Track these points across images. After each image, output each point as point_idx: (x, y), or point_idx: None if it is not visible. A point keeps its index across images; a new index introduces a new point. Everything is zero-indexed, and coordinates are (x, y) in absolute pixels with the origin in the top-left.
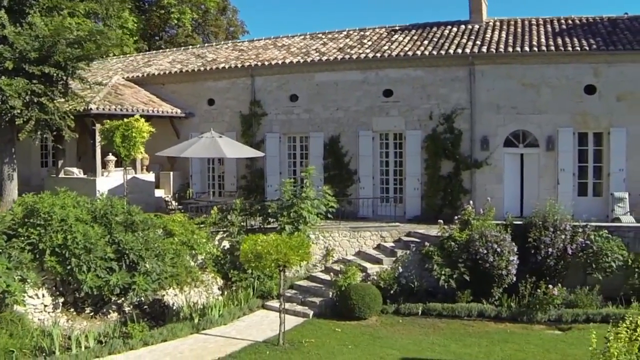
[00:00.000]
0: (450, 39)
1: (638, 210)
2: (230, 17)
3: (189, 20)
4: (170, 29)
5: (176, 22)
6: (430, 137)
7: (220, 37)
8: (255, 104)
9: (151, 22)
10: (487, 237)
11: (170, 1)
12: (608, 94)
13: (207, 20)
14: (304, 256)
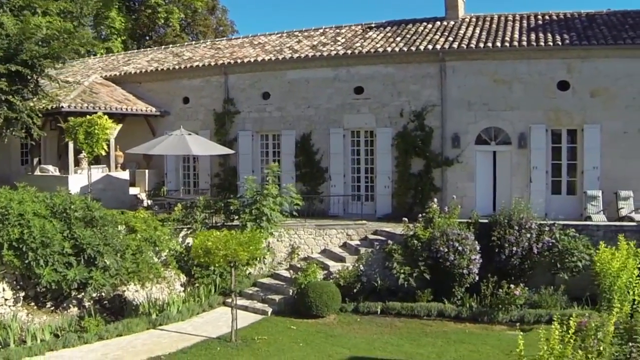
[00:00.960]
0: (423, 35)
1: (612, 208)
2: (219, 16)
3: (177, 20)
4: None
5: (163, 22)
6: (401, 135)
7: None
8: (229, 102)
9: (140, 22)
10: (448, 236)
11: (157, 1)
12: (582, 90)
13: (196, 20)
14: (254, 252)
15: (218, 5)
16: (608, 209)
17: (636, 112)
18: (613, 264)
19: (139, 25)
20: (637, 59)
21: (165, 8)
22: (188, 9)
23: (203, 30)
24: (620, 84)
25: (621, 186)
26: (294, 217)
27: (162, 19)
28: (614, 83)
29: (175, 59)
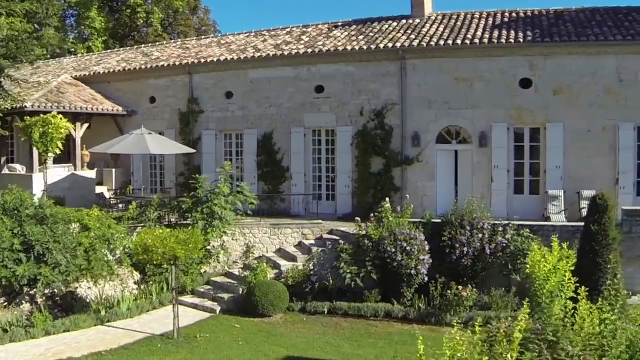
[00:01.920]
0: (386, 34)
1: (575, 209)
2: (202, 17)
3: (158, 20)
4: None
5: (143, 22)
6: (361, 134)
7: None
8: (193, 102)
9: (121, 22)
10: (396, 236)
11: (137, 1)
12: (545, 88)
13: (177, 20)
14: (193, 251)
15: (200, 6)
16: (570, 209)
17: (600, 110)
18: (541, 267)
19: (120, 26)
20: (601, 56)
21: (145, 8)
22: (170, 9)
23: (184, 31)
24: (584, 81)
25: (585, 186)
26: (250, 216)
27: (142, 19)
28: (578, 81)
29: (143, 59)
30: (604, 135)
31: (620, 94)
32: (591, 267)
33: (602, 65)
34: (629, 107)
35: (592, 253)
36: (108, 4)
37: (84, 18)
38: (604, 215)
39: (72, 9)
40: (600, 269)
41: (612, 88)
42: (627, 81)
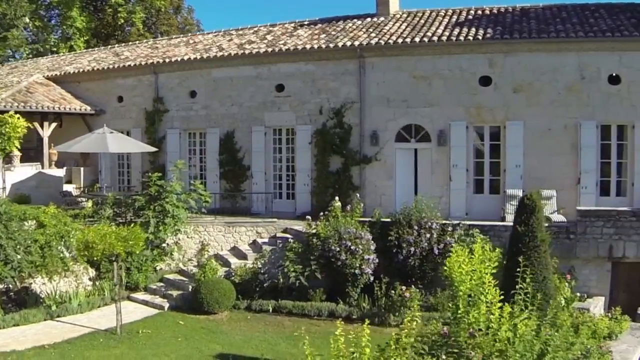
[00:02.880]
0: (348, 32)
1: None
2: (185, 16)
3: (140, 20)
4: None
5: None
6: (320, 132)
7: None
8: (158, 101)
9: (104, 21)
10: (341, 235)
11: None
12: (504, 86)
13: (160, 19)
14: (133, 247)
15: (183, 5)
16: None
17: (561, 108)
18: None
19: (103, 25)
20: (563, 52)
21: (125, 8)
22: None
23: (167, 30)
24: (545, 79)
25: (546, 185)
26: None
27: (123, 19)
28: (538, 78)
29: (113, 59)
30: (565, 134)
31: (582, 91)
32: (517, 269)
33: (563, 62)
34: (591, 104)
35: (519, 255)
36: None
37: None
38: (531, 215)
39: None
40: (526, 272)
41: (573, 85)
42: (589, 78)
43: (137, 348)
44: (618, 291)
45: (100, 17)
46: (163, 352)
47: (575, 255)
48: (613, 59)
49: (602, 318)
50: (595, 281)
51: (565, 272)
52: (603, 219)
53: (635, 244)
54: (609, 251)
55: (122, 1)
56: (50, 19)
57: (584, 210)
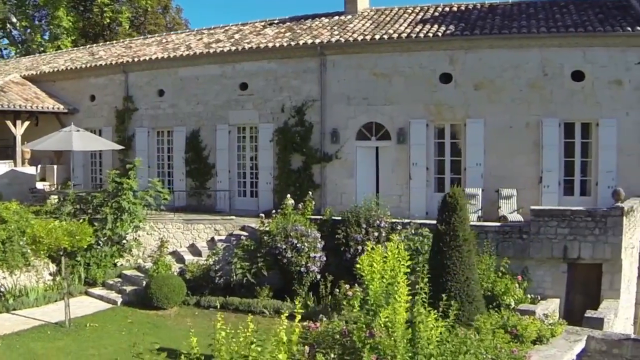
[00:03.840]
0: (312, 30)
1: (494, 207)
2: (173, 15)
3: (126, 20)
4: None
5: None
6: (281, 130)
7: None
8: (128, 100)
9: (92, 21)
10: (287, 232)
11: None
12: (465, 83)
13: (147, 19)
14: (80, 242)
15: (171, 5)
16: (491, 208)
17: (523, 105)
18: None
19: (91, 25)
20: (525, 49)
21: (112, 8)
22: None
23: (154, 30)
24: (506, 75)
25: (508, 184)
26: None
27: (109, 19)
28: (499, 75)
29: (87, 59)
30: (527, 132)
31: (544, 88)
32: (439, 269)
33: (525, 59)
34: (553, 101)
35: (440, 254)
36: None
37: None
38: (453, 214)
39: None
40: (448, 272)
41: (536, 82)
42: (552, 75)
43: (80, 340)
44: (575, 293)
45: (89, 17)
46: (103, 344)
47: (529, 255)
48: (577, 55)
49: (533, 321)
50: (550, 282)
51: (519, 273)
52: (557, 218)
53: (590, 244)
54: (564, 252)
55: (108, 1)
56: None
57: (538, 209)
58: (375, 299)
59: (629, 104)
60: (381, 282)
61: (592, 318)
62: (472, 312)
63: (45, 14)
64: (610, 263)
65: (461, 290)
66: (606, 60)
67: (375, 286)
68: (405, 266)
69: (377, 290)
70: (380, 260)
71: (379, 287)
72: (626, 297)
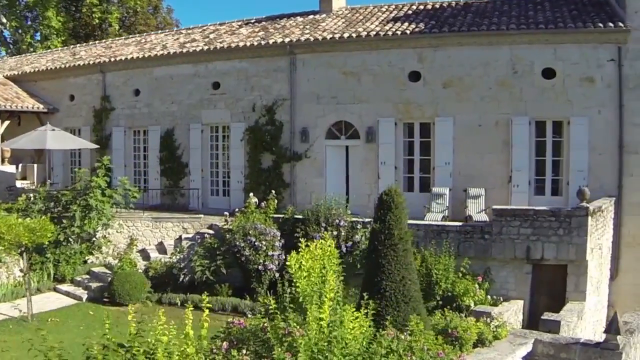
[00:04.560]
0: (286, 29)
1: (462, 207)
2: (164, 16)
3: (116, 20)
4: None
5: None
6: (251, 129)
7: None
8: (105, 99)
9: (82, 21)
10: (246, 231)
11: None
12: (433, 81)
13: (137, 19)
14: (41, 238)
15: (161, 5)
16: (460, 208)
17: (493, 103)
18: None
19: (81, 25)
20: (494, 46)
21: (100, 8)
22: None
23: (144, 30)
24: (475, 73)
25: (476, 183)
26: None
27: (97, 19)
28: (469, 73)
29: (68, 59)
30: (496, 130)
31: (514, 86)
32: (374, 269)
33: (495, 56)
34: (523, 99)
35: (375, 253)
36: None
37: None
38: (388, 212)
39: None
40: (383, 271)
41: (505, 80)
42: (522, 72)
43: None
44: (540, 294)
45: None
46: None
47: (491, 256)
48: (547, 52)
49: (474, 323)
50: (513, 284)
51: (481, 274)
52: (520, 218)
53: (554, 245)
54: (527, 252)
55: (96, 1)
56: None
57: (499, 209)
58: (303, 298)
59: (601, 101)
60: (309, 280)
61: (548, 321)
62: (408, 312)
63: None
64: (575, 264)
65: (396, 290)
66: (578, 57)
67: (303, 284)
68: (335, 264)
69: (304, 289)
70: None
71: (306, 285)
72: (595, 299)
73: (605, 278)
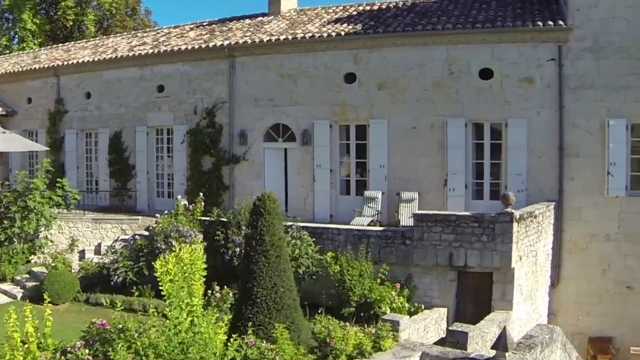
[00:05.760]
0: (231, 31)
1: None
2: (143, 17)
3: (91, 22)
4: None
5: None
6: (192, 132)
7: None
8: (59, 102)
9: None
10: (167, 233)
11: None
12: (368, 83)
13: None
14: None
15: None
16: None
17: (428, 105)
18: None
19: (58, 28)
20: (430, 46)
21: (74, 10)
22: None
23: (120, 32)
24: (411, 74)
25: (412, 187)
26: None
27: (72, 22)
28: (404, 74)
29: (28, 62)
30: (431, 133)
31: (450, 87)
32: (247, 275)
33: (431, 57)
34: (460, 101)
35: (248, 259)
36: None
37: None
38: (260, 218)
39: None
40: (255, 277)
41: (441, 81)
42: (458, 73)
43: None
44: (466, 303)
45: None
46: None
47: (412, 262)
48: (485, 52)
49: (356, 333)
50: (437, 291)
51: (402, 280)
52: (442, 224)
53: (478, 252)
54: (449, 259)
55: (71, 4)
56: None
57: (420, 214)
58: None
59: (540, 102)
60: (172, 285)
61: (457, 332)
62: (280, 320)
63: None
64: (501, 272)
65: (268, 297)
66: (516, 57)
67: (167, 288)
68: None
69: (169, 293)
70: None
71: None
72: (528, 308)
73: (543, 286)
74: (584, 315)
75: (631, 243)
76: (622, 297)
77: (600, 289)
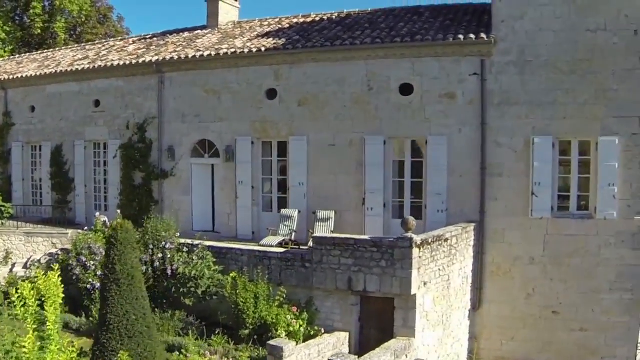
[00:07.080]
0: (165, 46)
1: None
2: (115, 24)
3: (62, 29)
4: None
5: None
6: (125, 147)
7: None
8: (7, 115)
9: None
10: (78, 250)
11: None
12: (289, 99)
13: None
14: None
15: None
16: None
17: (347, 121)
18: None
19: (30, 35)
20: (349, 62)
21: (43, 18)
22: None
23: (91, 39)
24: (330, 90)
25: (331, 205)
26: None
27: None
28: (323, 90)
29: None
30: (350, 150)
31: (369, 103)
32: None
33: (350, 72)
34: (379, 117)
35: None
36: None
37: None
38: (112, 247)
39: None
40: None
41: (360, 97)
42: (377, 89)
43: None
44: (369, 328)
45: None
46: None
47: (313, 285)
48: (405, 67)
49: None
50: (339, 315)
51: (303, 303)
52: (340, 247)
53: (377, 277)
54: (349, 284)
55: (39, 11)
56: None
57: (319, 237)
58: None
59: (462, 119)
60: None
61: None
62: (131, 347)
63: None
64: (402, 298)
65: (120, 324)
66: (437, 71)
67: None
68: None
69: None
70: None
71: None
72: (439, 334)
73: (460, 310)
74: (507, 339)
75: (557, 266)
76: (548, 322)
77: (524, 313)
